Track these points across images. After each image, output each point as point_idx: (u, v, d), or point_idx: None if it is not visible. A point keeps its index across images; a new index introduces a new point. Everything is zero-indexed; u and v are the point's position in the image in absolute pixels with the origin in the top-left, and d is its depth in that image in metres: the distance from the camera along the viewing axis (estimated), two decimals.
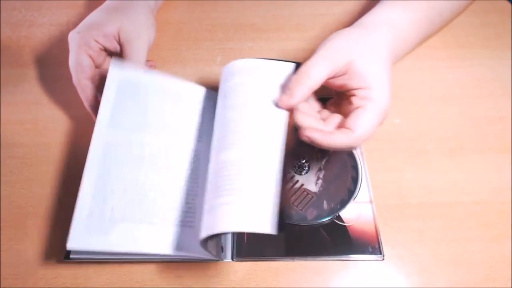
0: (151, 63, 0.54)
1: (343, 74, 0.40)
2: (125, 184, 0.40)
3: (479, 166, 0.47)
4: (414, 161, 0.47)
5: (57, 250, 0.41)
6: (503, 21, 0.60)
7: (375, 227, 0.43)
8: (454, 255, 0.42)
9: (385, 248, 0.42)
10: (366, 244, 0.42)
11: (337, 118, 0.41)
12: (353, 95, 0.40)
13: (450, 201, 0.45)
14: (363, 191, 0.45)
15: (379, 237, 0.42)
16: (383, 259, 0.41)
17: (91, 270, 0.40)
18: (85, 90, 0.46)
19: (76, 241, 0.36)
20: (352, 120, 0.39)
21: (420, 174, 0.47)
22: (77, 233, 0.37)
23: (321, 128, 0.39)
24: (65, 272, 0.40)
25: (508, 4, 0.62)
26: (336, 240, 0.42)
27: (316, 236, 0.42)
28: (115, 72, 0.44)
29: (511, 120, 0.51)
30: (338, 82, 0.41)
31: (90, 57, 0.47)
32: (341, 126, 0.39)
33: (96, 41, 0.47)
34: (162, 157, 0.43)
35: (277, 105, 0.39)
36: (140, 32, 0.49)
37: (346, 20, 0.61)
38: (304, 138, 0.38)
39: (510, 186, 0.46)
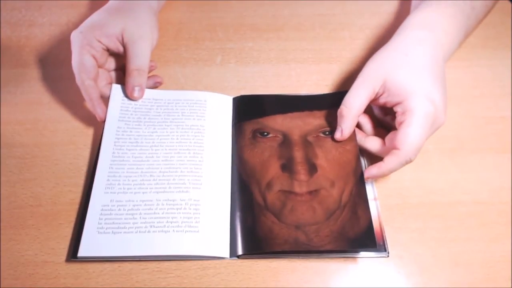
0: (152, 63, 0.54)
1: (383, 93, 0.43)
2: (130, 197, 0.42)
3: (479, 166, 0.47)
4: (414, 161, 0.47)
5: (57, 250, 0.41)
6: (503, 21, 0.60)
7: (380, 224, 0.42)
8: (454, 255, 0.42)
9: None
10: None
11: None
12: (396, 111, 0.42)
13: (450, 201, 0.45)
14: (368, 189, 0.45)
15: (383, 234, 0.42)
16: (388, 255, 0.41)
17: (91, 270, 0.40)
18: (88, 90, 0.46)
19: (86, 250, 0.39)
20: (397, 138, 0.41)
21: (420, 174, 0.47)
22: (87, 241, 0.40)
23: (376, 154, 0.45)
24: (65, 272, 0.40)
25: (508, 4, 0.62)
26: None
27: None
28: (118, 89, 0.49)
29: (511, 120, 0.51)
30: (380, 101, 0.44)
31: (93, 57, 0.47)
32: (392, 144, 0.41)
33: (99, 41, 0.47)
34: (165, 168, 0.44)
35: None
36: (143, 33, 0.49)
37: (347, 20, 0.61)
38: (368, 181, 0.44)
39: (510, 186, 0.46)
